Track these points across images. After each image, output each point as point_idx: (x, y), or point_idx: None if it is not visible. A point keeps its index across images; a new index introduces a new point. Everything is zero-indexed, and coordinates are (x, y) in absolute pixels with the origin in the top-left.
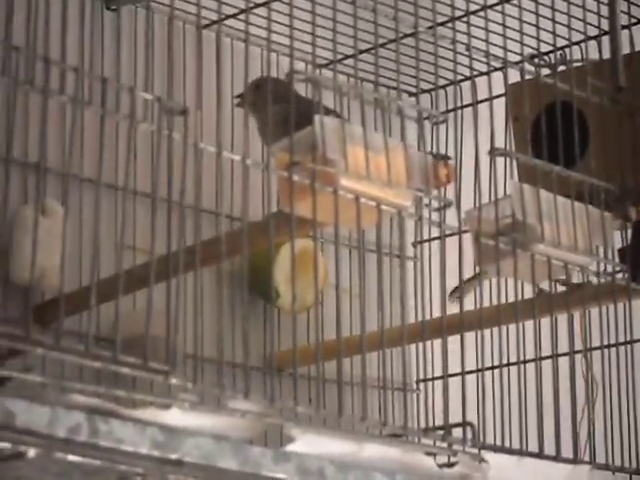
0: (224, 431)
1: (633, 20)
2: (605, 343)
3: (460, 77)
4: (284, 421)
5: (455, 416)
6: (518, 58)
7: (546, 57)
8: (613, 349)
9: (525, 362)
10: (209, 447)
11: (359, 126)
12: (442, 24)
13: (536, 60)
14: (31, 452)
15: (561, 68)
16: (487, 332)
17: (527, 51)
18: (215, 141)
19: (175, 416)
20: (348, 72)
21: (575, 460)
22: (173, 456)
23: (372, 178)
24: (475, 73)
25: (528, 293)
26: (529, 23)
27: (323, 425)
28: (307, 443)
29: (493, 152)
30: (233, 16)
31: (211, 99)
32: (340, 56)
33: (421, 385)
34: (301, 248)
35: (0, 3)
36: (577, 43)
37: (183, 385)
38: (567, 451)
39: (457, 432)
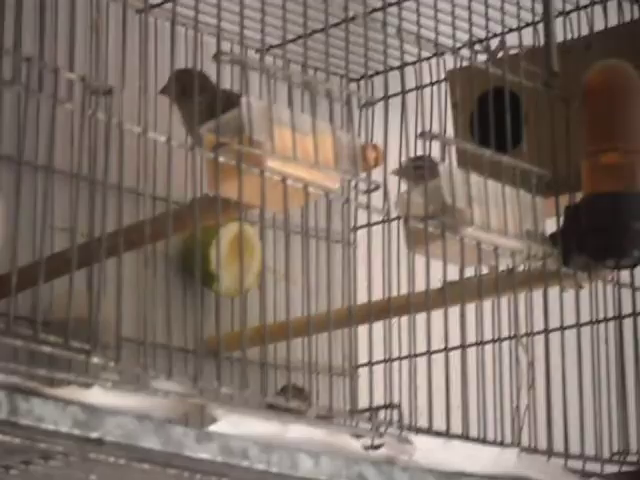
0: (148, 411)
1: (569, 7)
2: (536, 329)
3: (398, 63)
4: (207, 401)
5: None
6: (451, 44)
7: (484, 43)
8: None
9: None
10: (131, 426)
11: (286, 108)
12: (375, 11)
13: (476, 46)
14: None
15: (500, 54)
16: (420, 316)
17: (460, 37)
18: (140, 122)
19: (97, 395)
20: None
21: (502, 443)
22: (94, 435)
23: (299, 159)
24: (412, 60)
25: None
26: (462, 7)
27: (259, 407)
28: (232, 424)
29: (425, 136)
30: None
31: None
32: (276, 42)
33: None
34: (238, 232)
35: None
36: (514, 30)
37: (106, 365)
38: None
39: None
